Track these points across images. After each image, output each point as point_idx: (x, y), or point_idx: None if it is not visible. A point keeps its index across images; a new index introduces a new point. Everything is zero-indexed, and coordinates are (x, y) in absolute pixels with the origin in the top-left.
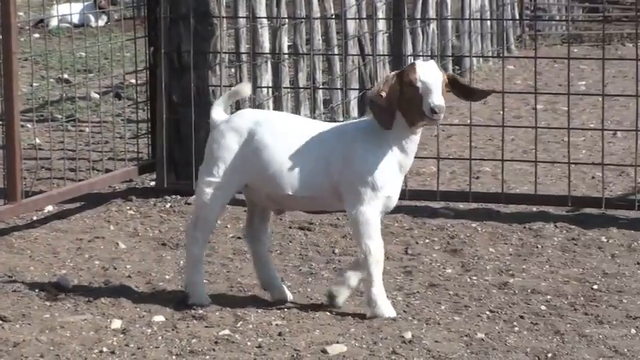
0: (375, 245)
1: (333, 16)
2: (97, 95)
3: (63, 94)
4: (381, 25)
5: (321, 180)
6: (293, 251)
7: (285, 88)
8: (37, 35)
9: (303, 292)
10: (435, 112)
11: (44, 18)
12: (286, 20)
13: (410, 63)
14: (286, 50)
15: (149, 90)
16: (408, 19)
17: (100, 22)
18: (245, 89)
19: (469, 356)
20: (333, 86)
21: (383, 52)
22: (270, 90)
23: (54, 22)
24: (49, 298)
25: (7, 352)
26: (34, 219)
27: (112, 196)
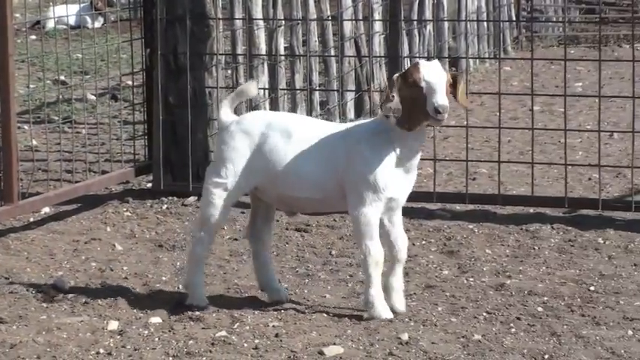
0: (376, 246)
1: (329, 18)
2: (93, 97)
3: (59, 95)
4: (378, 27)
5: (329, 181)
6: (290, 253)
7: (282, 89)
8: (33, 37)
9: (299, 293)
10: (439, 112)
11: (41, 20)
12: (283, 22)
13: (413, 63)
14: (283, 52)
15: (145, 92)
16: (404, 20)
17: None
18: (251, 89)
19: (466, 357)
20: (329, 88)
21: (379, 53)
22: (267, 91)
23: (50, 24)
24: (45, 299)
25: (3, 353)
26: (30, 220)
27: (108, 198)
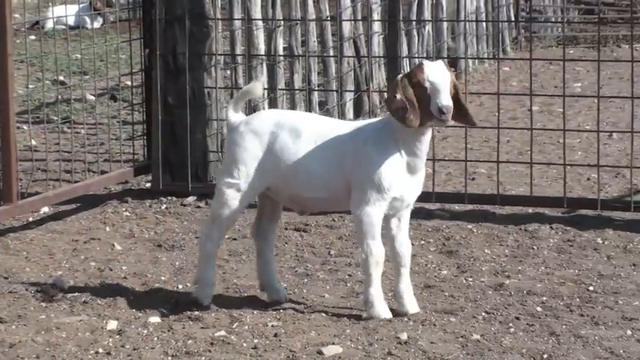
0: (377, 246)
1: (328, 18)
2: (92, 97)
3: (58, 95)
4: (377, 27)
5: (338, 181)
6: (289, 252)
7: (281, 89)
8: (32, 37)
9: (298, 293)
10: (443, 112)
11: (40, 20)
12: (282, 22)
13: (418, 63)
14: (282, 52)
15: (144, 92)
16: (403, 20)
17: (96, 24)
18: (256, 88)
19: (465, 357)
20: (328, 88)
21: (378, 53)
22: (266, 91)
23: (49, 24)
24: (44, 299)
25: (2, 353)
26: (29, 220)
27: (107, 198)
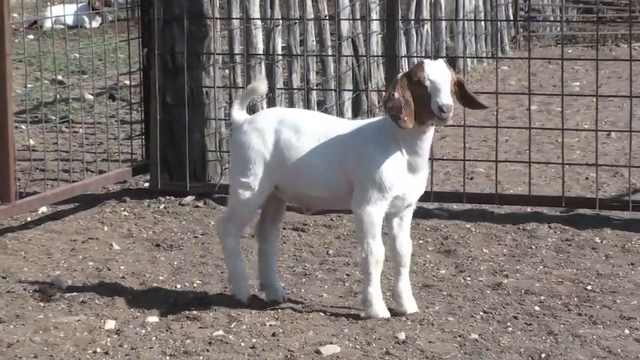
0: (378, 246)
1: (327, 17)
2: (90, 96)
3: (57, 95)
4: (375, 26)
5: (340, 180)
6: (287, 252)
7: (279, 89)
8: (31, 36)
9: (297, 292)
10: (444, 111)
11: (38, 19)
12: (280, 21)
13: (418, 62)
14: (280, 51)
15: (143, 91)
16: (401, 20)
17: (94, 24)
18: (261, 86)
19: (463, 357)
20: (326, 87)
21: (377, 53)
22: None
23: (48, 24)
24: (43, 298)
25: (1, 352)
26: (28, 220)
27: (105, 197)
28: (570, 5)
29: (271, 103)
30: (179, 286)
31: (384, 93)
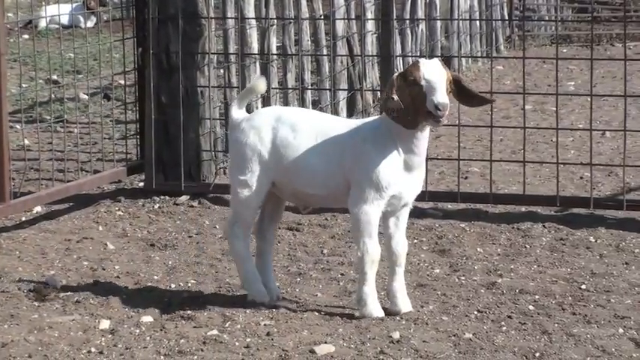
0: (374, 245)
1: (321, 17)
2: (85, 96)
3: (52, 95)
4: (370, 26)
5: (337, 178)
6: (281, 251)
7: (274, 88)
8: (25, 36)
9: (291, 292)
10: (439, 109)
11: (33, 19)
12: (275, 21)
13: (414, 61)
14: (275, 51)
15: (138, 91)
16: (396, 19)
17: (89, 24)
18: (260, 85)
19: (457, 356)
20: (321, 87)
21: (372, 52)
22: None
23: (43, 23)
24: (37, 298)
25: None
26: (22, 220)
27: (100, 197)
28: (565, 5)
29: (266, 102)
30: (173, 286)
31: (379, 93)
